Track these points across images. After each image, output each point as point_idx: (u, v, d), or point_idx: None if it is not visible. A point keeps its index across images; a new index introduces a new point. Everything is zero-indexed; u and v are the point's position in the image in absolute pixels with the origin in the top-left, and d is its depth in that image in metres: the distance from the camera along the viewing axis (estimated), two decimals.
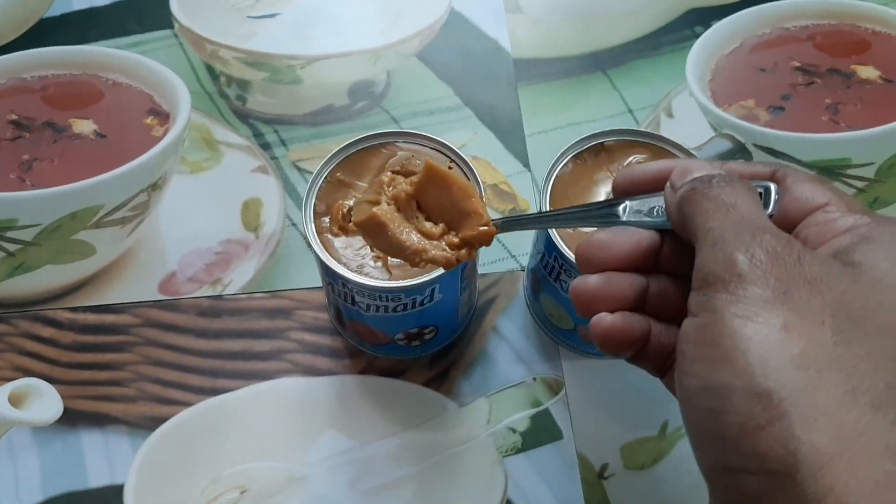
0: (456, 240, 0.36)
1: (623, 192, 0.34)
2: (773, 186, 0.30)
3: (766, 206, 0.30)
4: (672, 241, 0.32)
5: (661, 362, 0.32)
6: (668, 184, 0.31)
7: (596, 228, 0.34)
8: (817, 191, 0.29)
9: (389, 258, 0.43)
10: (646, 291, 0.32)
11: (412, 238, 0.36)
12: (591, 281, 0.32)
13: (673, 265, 0.32)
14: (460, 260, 0.36)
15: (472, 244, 0.36)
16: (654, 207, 0.32)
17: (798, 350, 0.24)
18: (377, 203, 0.37)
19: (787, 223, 0.29)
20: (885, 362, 0.24)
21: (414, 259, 0.36)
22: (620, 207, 0.33)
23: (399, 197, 0.37)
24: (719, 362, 0.25)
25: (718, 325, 0.25)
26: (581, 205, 0.35)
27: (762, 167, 0.31)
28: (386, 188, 0.38)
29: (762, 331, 0.24)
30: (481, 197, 0.36)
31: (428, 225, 0.37)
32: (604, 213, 0.34)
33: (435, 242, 0.36)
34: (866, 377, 0.24)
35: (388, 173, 0.39)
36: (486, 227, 0.35)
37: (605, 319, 0.31)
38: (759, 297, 0.25)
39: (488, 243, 0.36)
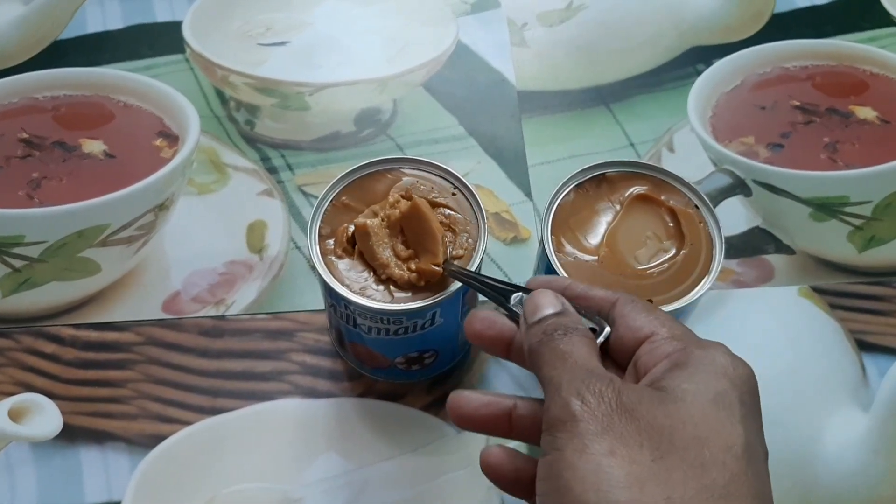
0: (413, 267, 0.43)
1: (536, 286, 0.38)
2: (606, 328, 0.35)
3: (598, 335, 0.34)
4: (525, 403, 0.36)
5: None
6: (521, 317, 0.35)
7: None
8: (647, 322, 0.34)
9: (391, 285, 0.44)
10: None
11: (384, 253, 0.43)
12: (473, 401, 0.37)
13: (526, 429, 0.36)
14: (410, 280, 0.42)
15: (421, 275, 0.42)
16: None
17: (624, 472, 0.28)
18: (377, 216, 0.44)
19: (626, 350, 0.34)
20: (693, 470, 0.28)
21: (379, 270, 0.43)
22: (514, 296, 0.37)
23: (390, 217, 0.44)
24: (563, 492, 0.29)
25: (560, 461, 0.29)
26: (494, 279, 0.39)
27: (604, 295, 0.36)
28: (387, 206, 0.44)
29: (593, 459, 0.29)
30: (444, 241, 0.43)
31: (401, 248, 0.43)
32: (504, 293, 0.38)
33: (399, 263, 0.43)
34: (679, 485, 0.28)
35: (396, 195, 0.45)
36: (435, 267, 0.42)
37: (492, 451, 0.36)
38: (590, 431, 0.29)
39: (433, 280, 0.43)
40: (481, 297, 0.44)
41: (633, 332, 0.34)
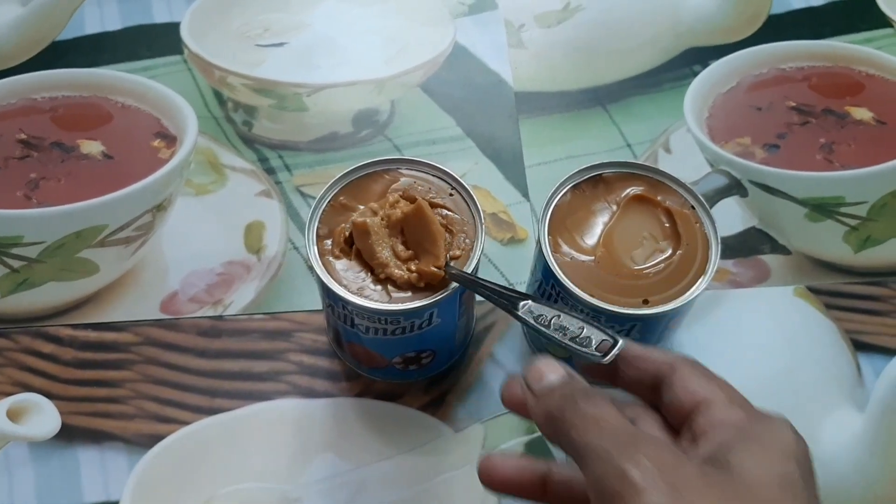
0: (413, 268, 0.43)
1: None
2: (621, 341, 0.35)
3: (608, 352, 0.34)
4: (560, 471, 0.35)
5: None
6: (525, 383, 0.34)
7: None
8: (706, 385, 0.33)
9: (389, 284, 0.44)
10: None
11: (384, 253, 0.43)
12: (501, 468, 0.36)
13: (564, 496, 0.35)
14: (410, 280, 0.43)
15: (422, 276, 0.43)
16: (551, 318, 0.37)
17: None
18: (376, 214, 0.44)
19: (682, 412, 0.33)
20: None
21: (378, 269, 0.43)
22: (521, 303, 0.38)
23: (391, 217, 0.44)
24: None
25: None
26: (499, 285, 0.40)
27: (663, 358, 0.34)
28: (386, 206, 0.44)
29: None
30: (445, 243, 0.43)
31: (400, 248, 0.43)
32: (511, 300, 0.39)
33: (399, 263, 0.43)
34: None
35: (396, 195, 0.45)
36: (436, 270, 0.42)
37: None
38: (658, 503, 0.27)
39: (433, 282, 0.43)
40: (479, 298, 0.45)
41: (692, 394, 0.33)
